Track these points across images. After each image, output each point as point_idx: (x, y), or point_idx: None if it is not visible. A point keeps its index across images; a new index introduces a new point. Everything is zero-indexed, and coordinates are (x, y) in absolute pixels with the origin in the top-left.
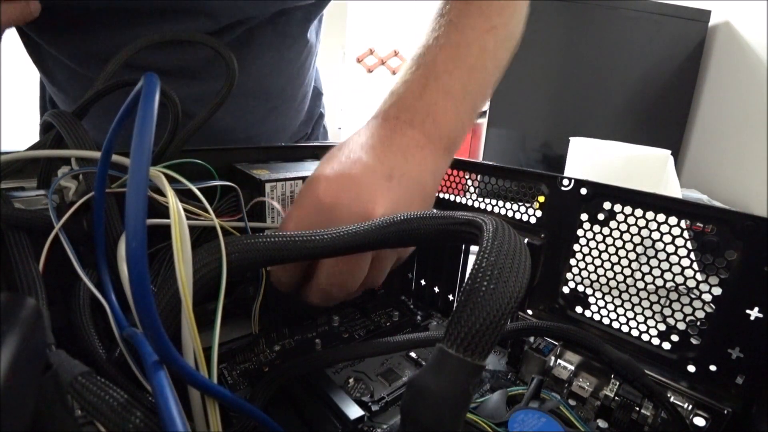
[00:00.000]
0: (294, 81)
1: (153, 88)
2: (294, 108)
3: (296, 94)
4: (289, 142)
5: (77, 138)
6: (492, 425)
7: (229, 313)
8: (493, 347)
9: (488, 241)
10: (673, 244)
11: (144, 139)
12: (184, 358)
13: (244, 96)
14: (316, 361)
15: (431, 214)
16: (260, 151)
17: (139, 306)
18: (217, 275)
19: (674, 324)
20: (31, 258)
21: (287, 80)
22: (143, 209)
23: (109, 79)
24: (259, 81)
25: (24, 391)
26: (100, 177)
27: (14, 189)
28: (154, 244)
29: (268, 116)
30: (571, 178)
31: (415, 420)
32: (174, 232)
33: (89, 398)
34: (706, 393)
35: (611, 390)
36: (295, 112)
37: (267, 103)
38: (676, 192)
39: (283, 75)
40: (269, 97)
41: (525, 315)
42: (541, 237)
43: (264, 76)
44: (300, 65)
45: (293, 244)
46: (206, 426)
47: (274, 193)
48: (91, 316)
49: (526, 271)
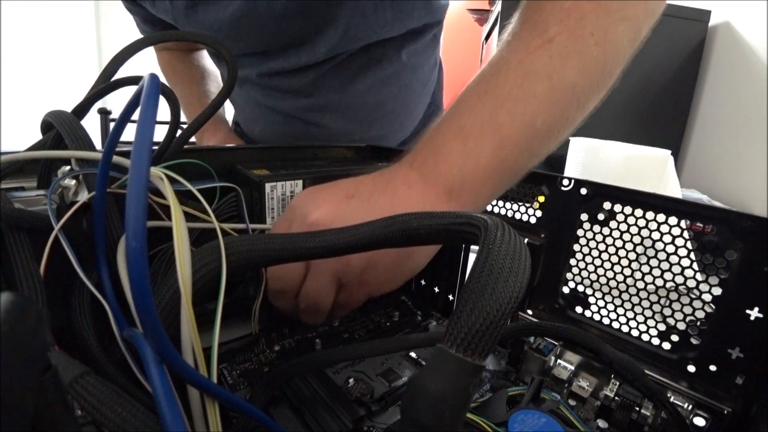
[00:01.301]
0: (395, 98)
1: (154, 89)
2: (397, 122)
3: (397, 110)
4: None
5: (77, 138)
6: (492, 425)
7: (229, 313)
8: (493, 347)
9: (488, 241)
10: (673, 244)
11: (144, 139)
12: (184, 358)
13: (345, 109)
14: (316, 361)
15: (431, 214)
16: (260, 151)
17: (139, 306)
18: (217, 275)
19: (674, 324)
20: (31, 258)
21: (386, 97)
22: (143, 209)
23: (108, 77)
24: (356, 97)
25: (24, 391)
26: (101, 177)
27: (14, 189)
28: (154, 245)
29: (370, 127)
30: (571, 178)
31: (415, 420)
32: (176, 232)
33: (89, 398)
34: (706, 393)
35: (611, 390)
36: (399, 125)
37: (368, 114)
38: (676, 192)
39: (381, 93)
40: (369, 110)
41: (525, 315)
42: (541, 237)
43: (360, 94)
44: (402, 85)
45: (293, 244)
46: (206, 426)
47: (274, 193)
48: (91, 316)
49: (526, 271)
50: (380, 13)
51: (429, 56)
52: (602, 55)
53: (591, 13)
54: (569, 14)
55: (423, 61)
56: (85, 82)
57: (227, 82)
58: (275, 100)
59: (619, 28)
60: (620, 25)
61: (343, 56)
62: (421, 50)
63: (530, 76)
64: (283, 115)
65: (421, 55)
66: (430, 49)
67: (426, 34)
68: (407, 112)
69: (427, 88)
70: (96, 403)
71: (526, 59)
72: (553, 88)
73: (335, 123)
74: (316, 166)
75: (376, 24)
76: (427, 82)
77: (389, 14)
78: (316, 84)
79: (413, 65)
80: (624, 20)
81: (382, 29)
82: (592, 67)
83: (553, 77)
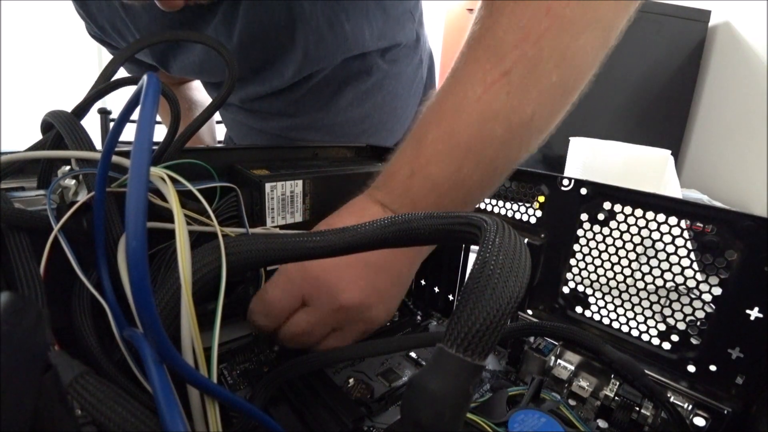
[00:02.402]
0: (380, 108)
1: (154, 88)
2: (386, 130)
3: (384, 119)
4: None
5: (77, 138)
6: (492, 425)
7: (229, 313)
8: (493, 347)
9: (488, 241)
10: (673, 244)
11: (144, 138)
12: (183, 358)
13: (330, 125)
14: (316, 361)
15: (431, 215)
16: (260, 151)
17: (139, 306)
18: (217, 275)
19: (674, 324)
20: (31, 258)
21: (371, 109)
22: (143, 209)
23: (108, 77)
24: (339, 114)
25: (24, 391)
26: (101, 177)
27: (14, 189)
28: (154, 245)
29: (357, 139)
30: (571, 178)
31: (415, 420)
32: (177, 232)
33: (89, 398)
34: (706, 393)
35: (611, 390)
36: (388, 132)
37: (354, 128)
38: (676, 192)
39: (365, 105)
40: (354, 124)
41: (525, 315)
42: (541, 237)
43: (344, 109)
44: (385, 93)
45: (293, 244)
46: (206, 426)
47: (274, 193)
48: (91, 317)
49: (526, 271)
50: (338, 30)
51: (412, 57)
52: (561, 79)
53: (548, 31)
54: (526, 36)
55: (406, 64)
56: (85, 82)
57: (227, 81)
58: (260, 121)
59: (580, 41)
60: (581, 38)
61: (320, 75)
62: (403, 54)
63: (489, 120)
64: (269, 135)
65: (403, 60)
66: (411, 51)
67: (405, 38)
68: (395, 119)
69: (414, 89)
70: (96, 403)
71: (484, 96)
72: (511, 128)
73: (322, 139)
74: (315, 166)
75: (335, 42)
76: (413, 83)
77: (347, 27)
78: (298, 104)
79: (395, 72)
80: (587, 28)
81: (346, 45)
82: (552, 93)
83: (512, 117)
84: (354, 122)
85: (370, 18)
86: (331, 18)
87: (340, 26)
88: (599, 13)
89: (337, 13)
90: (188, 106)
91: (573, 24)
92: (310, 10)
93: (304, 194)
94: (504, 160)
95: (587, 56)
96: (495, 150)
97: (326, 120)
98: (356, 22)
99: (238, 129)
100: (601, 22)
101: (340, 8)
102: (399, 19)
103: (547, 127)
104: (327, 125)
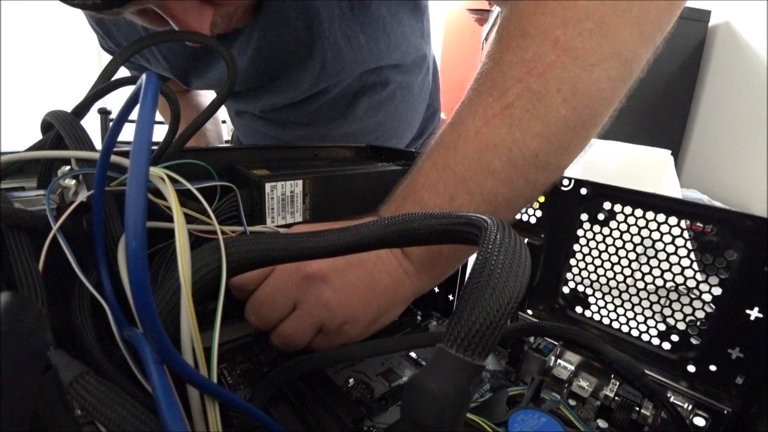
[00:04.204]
0: (392, 117)
1: (153, 87)
2: (396, 136)
3: (395, 126)
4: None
5: (77, 138)
6: (492, 425)
7: (229, 313)
8: (493, 347)
9: (488, 241)
10: (673, 244)
11: (143, 137)
12: (183, 358)
13: (344, 134)
14: (316, 361)
15: (431, 215)
16: (260, 151)
17: (139, 306)
18: (217, 275)
19: (674, 324)
20: (31, 258)
21: (383, 118)
22: (143, 209)
23: (108, 77)
24: (354, 123)
25: (24, 391)
26: (99, 176)
27: (14, 189)
28: (154, 244)
29: (370, 144)
30: (571, 178)
31: (415, 420)
32: (177, 232)
33: (89, 398)
34: (706, 393)
35: (611, 390)
36: (398, 138)
37: (367, 136)
38: (676, 192)
39: (378, 115)
40: (367, 132)
41: (525, 315)
42: (541, 237)
43: (358, 119)
44: (398, 102)
45: (293, 244)
46: (206, 426)
47: (274, 193)
48: (91, 317)
49: (526, 271)
50: (354, 45)
51: (421, 67)
52: (572, 113)
53: (555, 63)
54: (530, 69)
55: (416, 74)
56: (85, 82)
57: (228, 80)
58: (276, 129)
59: (594, 74)
60: (595, 71)
61: (336, 90)
62: (414, 65)
63: (488, 150)
64: (284, 143)
65: (414, 70)
66: (421, 61)
67: (416, 50)
68: (405, 125)
69: (422, 95)
70: (96, 403)
71: (484, 129)
72: (512, 161)
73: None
74: (316, 166)
75: (351, 55)
76: (422, 90)
77: (363, 41)
78: (314, 114)
79: (407, 82)
80: (604, 60)
81: (362, 58)
82: (559, 128)
83: (513, 150)
84: (368, 131)
85: (387, 31)
86: (348, 33)
87: (356, 40)
88: (618, 45)
89: (353, 28)
90: (193, 112)
91: (586, 56)
92: (329, 27)
93: (304, 194)
94: (507, 196)
95: (603, 90)
96: (494, 183)
97: (341, 129)
98: (372, 36)
99: (253, 136)
100: (620, 54)
101: (356, 23)
102: (413, 33)
103: (557, 163)
104: (341, 134)
